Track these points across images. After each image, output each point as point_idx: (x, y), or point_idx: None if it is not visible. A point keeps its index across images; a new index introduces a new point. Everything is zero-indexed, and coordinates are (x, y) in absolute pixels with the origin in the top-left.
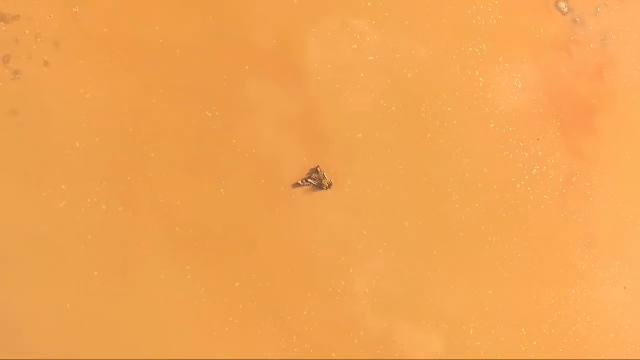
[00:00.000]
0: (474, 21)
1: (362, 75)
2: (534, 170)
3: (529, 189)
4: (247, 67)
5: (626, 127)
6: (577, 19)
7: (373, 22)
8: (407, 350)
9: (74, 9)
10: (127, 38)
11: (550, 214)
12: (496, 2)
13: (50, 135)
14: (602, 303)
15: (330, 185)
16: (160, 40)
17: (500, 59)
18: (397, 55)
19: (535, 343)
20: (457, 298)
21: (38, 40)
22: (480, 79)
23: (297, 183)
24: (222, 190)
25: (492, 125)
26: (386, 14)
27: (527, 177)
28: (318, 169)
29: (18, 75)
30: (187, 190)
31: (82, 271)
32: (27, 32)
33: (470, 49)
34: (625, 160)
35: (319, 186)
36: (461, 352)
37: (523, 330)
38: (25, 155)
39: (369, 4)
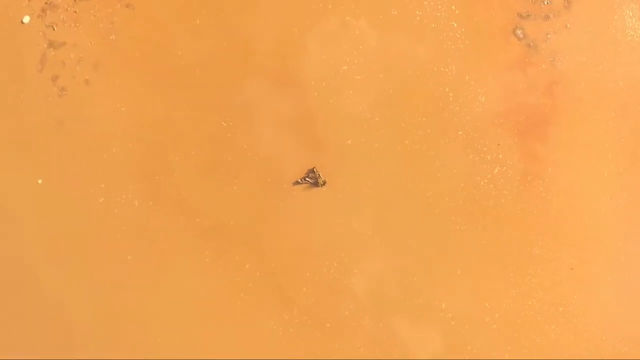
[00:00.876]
0: (445, 46)
1: (351, 92)
2: (496, 170)
3: (491, 186)
4: (255, 85)
5: (573, 134)
6: (531, 44)
7: (360, 47)
8: (393, 325)
9: (111, 37)
10: (155, 61)
11: (509, 207)
12: (463, 30)
13: (91, 141)
14: (553, 282)
15: (324, 183)
16: (182, 63)
17: (467, 77)
18: (380, 75)
19: (497, 315)
20: (429, 277)
21: (81, 63)
22: (450, 94)
23: (297, 181)
24: (234, 187)
25: (460, 132)
26: (370, 41)
27: (489, 176)
28: (314, 169)
29: (64, 92)
30: (205, 187)
31: (118, 256)
32: (72, 56)
33: (442, 69)
34: (572, 162)
35: (315, 184)
36: (432, 322)
37: (487, 304)
38: (70, 159)
39: (357, 32)
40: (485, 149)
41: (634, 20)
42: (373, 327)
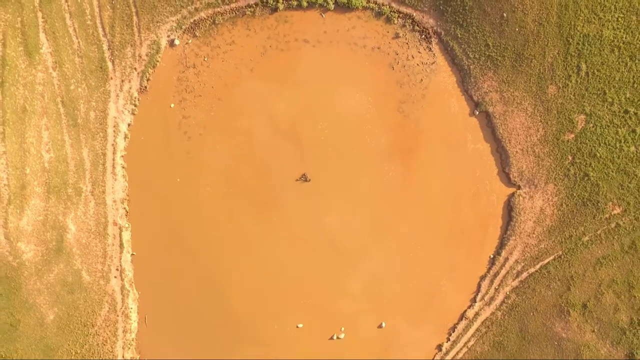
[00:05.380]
0: (368, 126)
1: (322, 138)
2: (390, 173)
3: (389, 182)
4: (278, 134)
5: (427, 156)
6: (406, 115)
7: (325, 125)
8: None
9: (212, 113)
10: (233, 126)
11: (396, 192)
12: (375, 108)
13: (203, 161)
14: (415, 225)
15: (309, 180)
16: (249, 127)
17: (381, 138)
18: (337, 140)
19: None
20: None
21: (197, 125)
22: (368, 139)
23: (297, 179)
24: (269, 182)
25: (373, 158)
26: (336, 121)
27: (387, 177)
28: (305, 174)
29: (190, 138)
30: (256, 182)
31: (215, 213)
32: (193, 122)
33: (368, 132)
34: (428, 170)
35: (305, 180)
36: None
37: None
38: (193, 169)
39: (325, 112)
40: (385, 165)
41: (453, 107)
42: (320, 239)
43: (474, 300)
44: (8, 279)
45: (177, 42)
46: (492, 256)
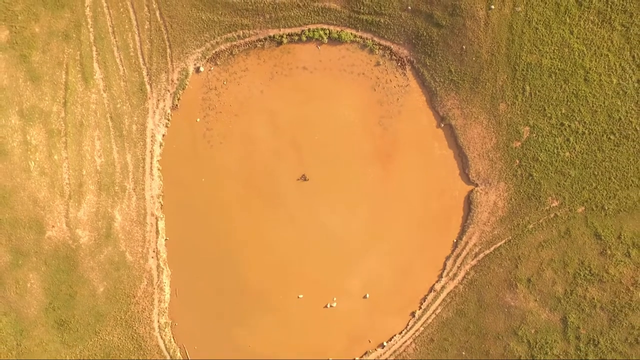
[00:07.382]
0: (356, 136)
1: (321, 140)
2: (373, 174)
3: (371, 181)
4: (283, 143)
5: (402, 159)
6: (385, 127)
7: (317, 135)
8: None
9: (230, 126)
10: (247, 133)
11: (376, 188)
12: (359, 125)
13: (222, 164)
14: (397, 210)
15: (308, 179)
16: (255, 132)
17: (364, 142)
18: (331, 141)
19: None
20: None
21: (218, 135)
22: (355, 147)
23: (298, 179)
24: (275, 181)
25: (360, 161)
26: (330, 129)
27: (370, 177)
28: (304, 174)
29: (212, 146)
30: (266, 180)
31: (233, 204)
32: (215, 134)
33: (357, 141)
34: (403, 170)
35: (304, 180)
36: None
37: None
38: (215, 170)
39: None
40: (369, 167)
41: (423, 121)
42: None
43: (440, 276)
44: (68, 259)
45: (202, 69)
46: (455, 240)
